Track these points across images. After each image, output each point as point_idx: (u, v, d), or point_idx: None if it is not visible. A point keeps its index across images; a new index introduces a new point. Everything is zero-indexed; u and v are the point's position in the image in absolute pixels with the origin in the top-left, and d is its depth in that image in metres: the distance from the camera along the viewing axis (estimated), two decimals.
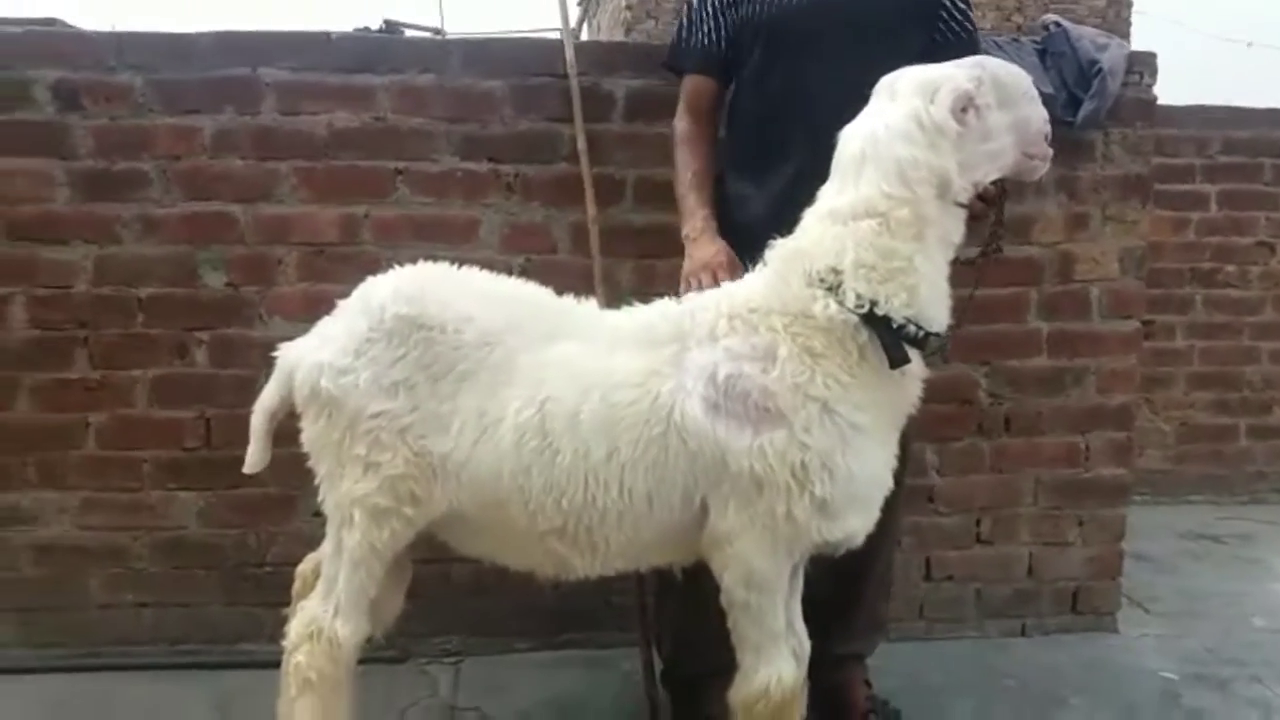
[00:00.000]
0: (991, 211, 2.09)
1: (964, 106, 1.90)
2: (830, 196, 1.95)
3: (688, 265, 2.33)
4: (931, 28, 2.37)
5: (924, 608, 3.13)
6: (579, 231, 2.82)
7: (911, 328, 1.87)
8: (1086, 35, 2.93)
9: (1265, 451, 4.74)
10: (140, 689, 2.69)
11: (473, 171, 2.83)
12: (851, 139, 1.94)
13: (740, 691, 1.97)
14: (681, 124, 2.49)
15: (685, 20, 2.50)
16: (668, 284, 2.75)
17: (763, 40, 2.37)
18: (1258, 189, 4.58)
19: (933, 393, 2.11)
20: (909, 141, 1.87)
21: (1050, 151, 2.05)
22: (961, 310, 2.06)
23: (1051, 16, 3.10)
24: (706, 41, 2.43)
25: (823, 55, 2.26)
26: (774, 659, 1.96)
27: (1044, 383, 3.10)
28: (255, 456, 2.09)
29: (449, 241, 2.79)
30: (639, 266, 2.89)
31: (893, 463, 1.99)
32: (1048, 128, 2.03)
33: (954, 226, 1.94)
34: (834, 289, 1.87)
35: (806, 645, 2.03)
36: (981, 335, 2.91)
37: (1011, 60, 2.77)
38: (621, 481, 1.88)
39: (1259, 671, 2.89)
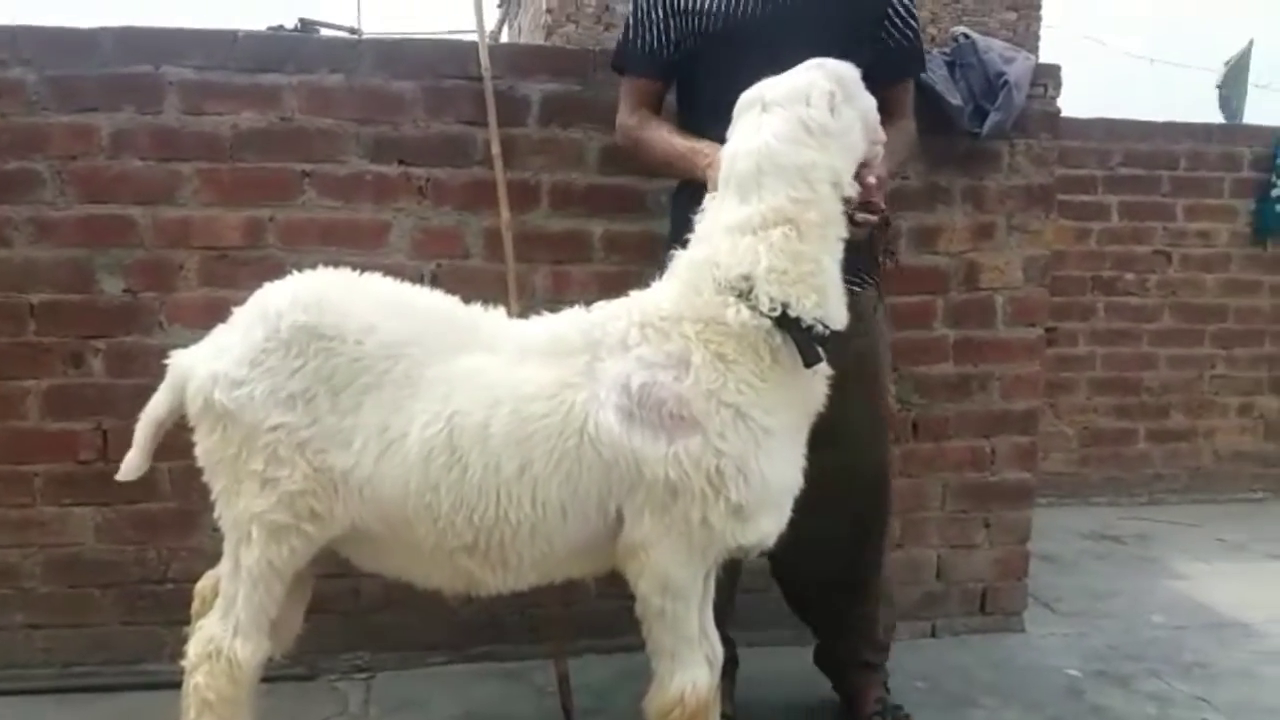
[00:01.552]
0: (877, 225, 2.14)
1: (831, 105, 1.97)
2: (731, 210, 1.96)
3: None
4: (877, 35, 2.40)
5: None
6: (492, 237, 2.79)
7: (820, 327, 1.91)
8: (995, 48, 3.00)
9: (1163, 454, 4.92)
10: (32, 714, 2.57)
11: (383, 174, 2.77)
12: (741, 156, 1.97)
13: (655, 699, 1.97)
14: (632, 119, 2.48)
15: (631, 22, 2.47)
16: (582, 291, 2.76)
17: (712, 49, 2.38)
18: (1156, 200, 4.75)
19: None
20: (802, 146, 1.92)
21: (884, 135, 2.14)
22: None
23: (961, 29, 3.16)
24: (655, 45, 2.43)
25: (771, 64, 2.28)
26: (689, 665, 1.96)
27: (950, 388, 3.16)
28: (134, 463, 2.03)
29: (358, 246, 2.73)
30: (554, 273, 2.87)
31: (801, 463, 2.01)
32: (876, 113, 2.12)
33: (842, 224, 1.99)
34: (745, 295, 1.89)
35: (719, 650, 2.03)
36: (891, 342, 2.94)
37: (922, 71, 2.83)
38: (534, 495, 1.86)
39: (1157, 667, 2.99)
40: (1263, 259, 4.93)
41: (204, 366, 1.91)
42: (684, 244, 2.03)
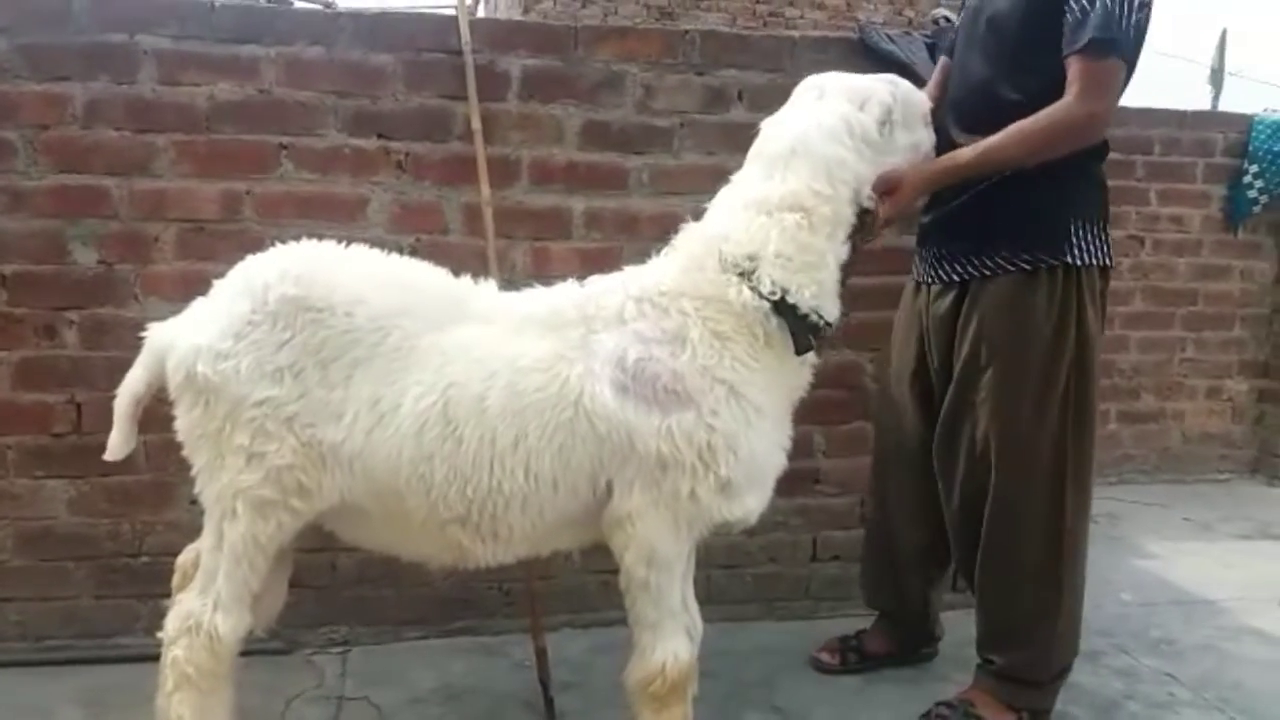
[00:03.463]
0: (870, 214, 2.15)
1: (884, 120, 2.05)
2: (753, 186, 2.01)
3: None
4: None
5: (810, 587, 3.19)
6: (471, 212, 2.78)
7: (814, 317, 1.97)
8: None
9: (1133, 435, 4.98)
10: (4, 688, 2.56)
11: (361, 148, 2.75)
12: (779, 133, 2.03)
13: (637, 670, 1.99)
14: None
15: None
16: (562, 267, 2.76)
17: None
18: (1130, 184, 4.78)
19: (821, 378, 2.20)
20: (839, 143, 1.99)
21: None
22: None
23: (941, 11, 3.16)
24: None
25: (959, 66, 2.46)
26: (670, 636, 1.98)
27: None
28: (118, 442, 2.00)
29: (335, 220, 2.71)
30: (534, 249, 2.87)
31: (787, 445, 2.06)
32: (933, 152, 2.22)
33: (849, 228, 2.05)
34: (748, 275, 1.94)
35: (699, 624, 2.05)
36: (868, 322, 2.97)
37: (902, 53, 2.84)
38: (528, 467, 1.87)
39: (1125, 642, 3.05)
40: (1233, 244, 4.98)
41: (185, 339, 1.89)
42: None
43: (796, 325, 1.96)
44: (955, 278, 2.47)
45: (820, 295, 1.98)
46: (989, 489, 2.42)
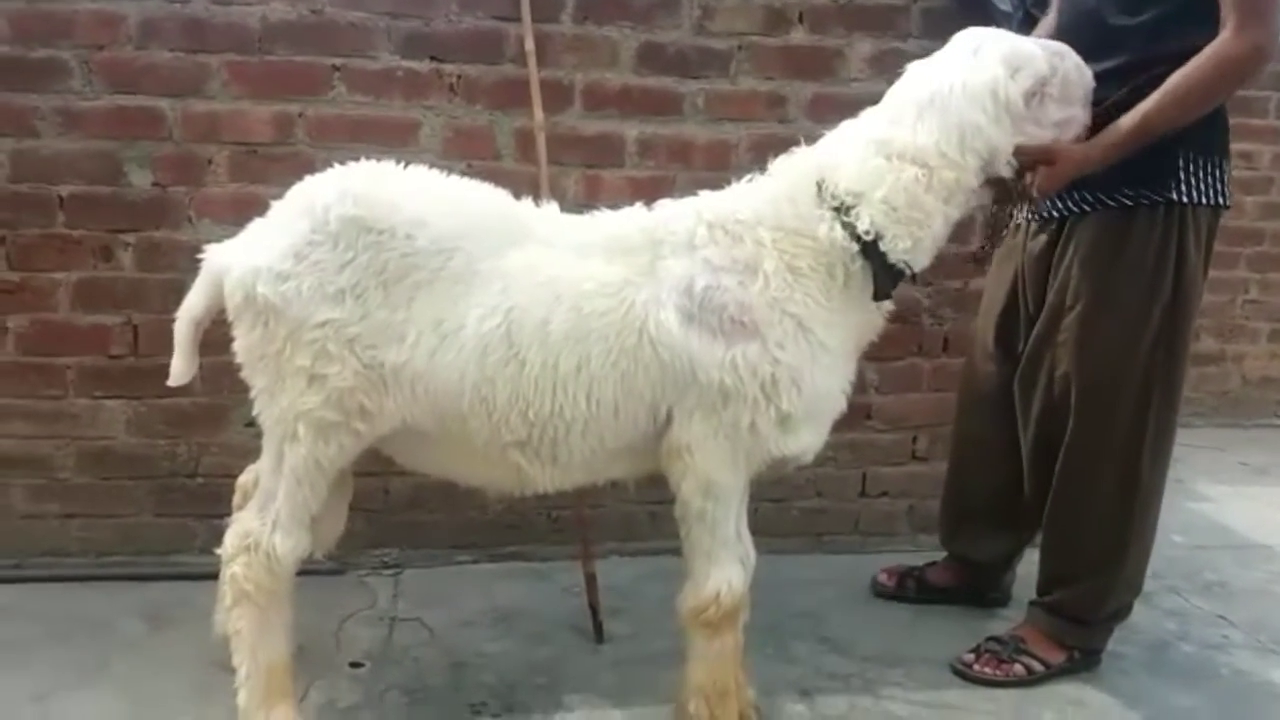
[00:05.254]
0: (1018, 183, 2.07)
1: (1034, 91, 1.96)
2: (882, 126, 1.96)
3: None
4: None
5: (858, 522, 3.18)
6: (524, 138, 2.74)
7: (902, 265, 1.93)
8: None
9: (1192, 378, 4.83)
10: (67, 600, 2.63)
11: (414, 70, 2.71)
12: (923, 81, 1.97)
13: (691, 597, 1.99)
14: None
15: None
16: (614, 195, 2.72)
17: None
18: None
19: None
20: (979, 108, 1.92)
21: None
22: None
23: None
24: None
25: None
26: (725, 565, 1.97)
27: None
28: (180, 367, 2.00)
29: (387, 144, 2.68)
30: (585, 176, 2.83)
31: (848, 388, 2.03)
32: (1085, 131, 2.10)
33: (975, 198, 2.01)
34: (845, 211, 1.89)
35: (752, 554, 2.04)
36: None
37: None
38: (590, 392, 1.86)
39: (1177, 584, 3.01)
40: None
41: (244, 261, 1.87)
42: None
43: (882, 272, 1.92)
44: (1055, 213, 2.37)
45: (913, 251, 1.93)
46: (1065, 431, 2.37)
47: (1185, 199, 2.21)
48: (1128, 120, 2.10)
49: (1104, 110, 2.14)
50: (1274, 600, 2.95)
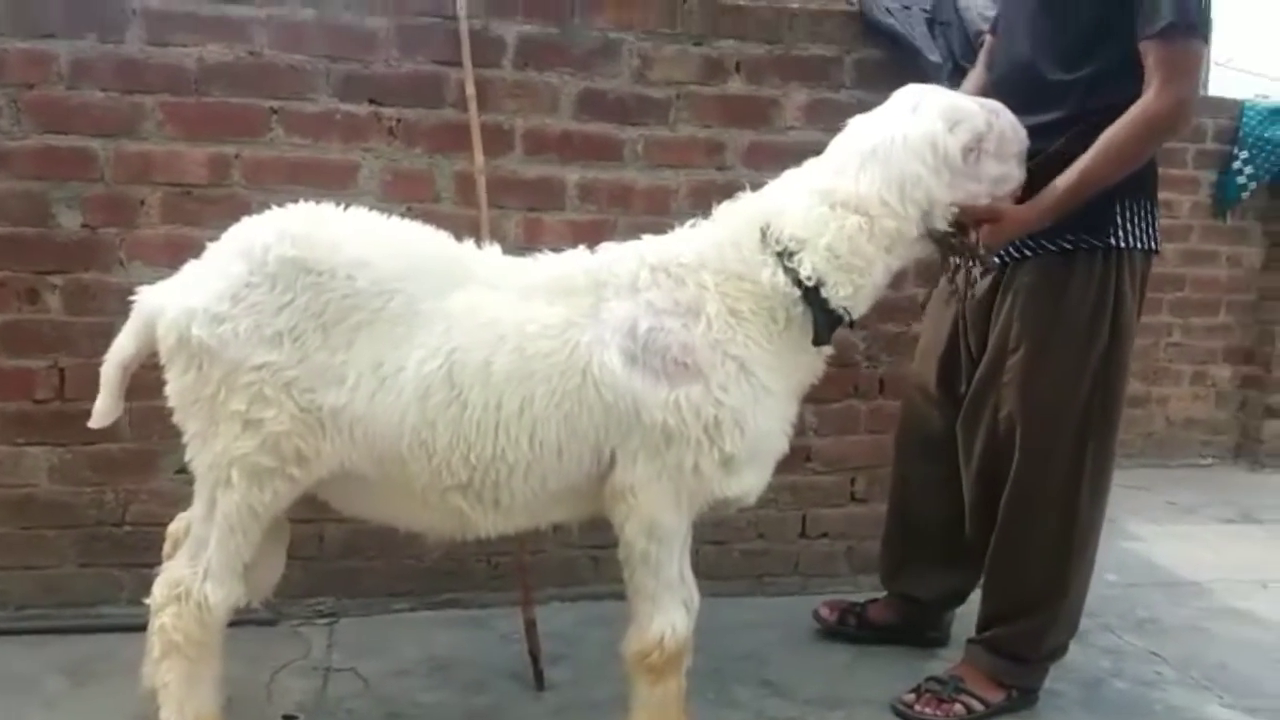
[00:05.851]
0: (962, 240, 2.13)
1: (971, 147, 2.01)
2: (826, 176, 2.00)
3: None
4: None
5: (799, 564, 3.19)
6: (464, 181, 2.74)
7: (841, 312, 1.97)
8: (975, 5, 2.97)
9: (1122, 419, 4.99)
10: None
11: (352, 113, 2.71)
12: (865, 134, 2.01)
13: (635, 641, 1.98)
14: None
15: None
16: (554, 239, 2.73)
17: None
18: None
19: None
20: (920, 160, 1.96)
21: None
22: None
23: None
24: None
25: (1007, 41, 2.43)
26: (668, 609, 1.97)
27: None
28: (104, 408, 1.95)
29: (325, 187, 2.66)
30: (526, 219, 2.84)
31: (790, 431, 2.06)
32: (1019, 191, 2.16)
33: (915, 250, 2.05)
34: (788, 257, 1.92)
35: (696, 597, 2.04)
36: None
37: (901, 27, 2.82)
38: (533, 434, 1.85)
39: (1110, 622, 3.06)
40: (1222, 230, 5.01)
41: (178, 302, 1.84)
42: None
43: (822, 318, 1.95)
44: (996, 259, 2.41)
45: (854, 298, 1.97)
46: (1009, 470, 2.41)
47: (1122, 244, 2.28)
48: (1064, 180, 2.16)
49: (1041, 161, 2.21)
50: (1204, 636, 3.01)
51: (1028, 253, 2.35)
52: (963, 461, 2.54)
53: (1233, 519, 4.26)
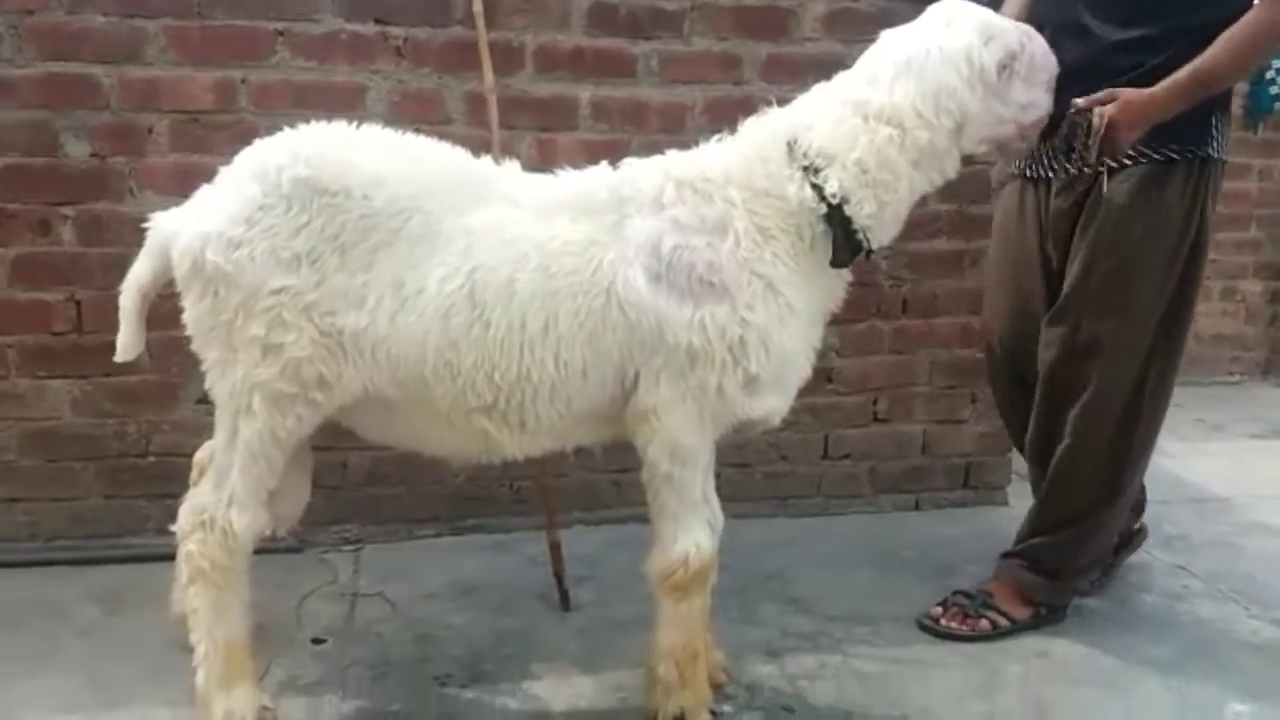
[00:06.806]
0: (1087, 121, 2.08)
1: (1005, 65, 1.95)
2: (857, 88, 1.94)
3: None
4: None
5: (821, 485, 3.18)
6: (474, 101, 2.68)
7: (862, 236, 1.92)
8: None
9: None
10: (16, 587, 2.55)
11: (359, 34, 2.64)
12: (898, 46, 1.95)
13: (659, 561, 1.96)
14: None
15: None
16: (568, 158, 2.64)
17: None
18: None
19: None
20: (955, 71, 1.90)
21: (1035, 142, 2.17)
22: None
23: None
24: None
25: None
26: (692, 528, 1.95)
27: (943, 264, 3.12)
28: (127, 341, 1.92)
29: (333, 110, 2.55)
30: (539, 140, 2.78)
31: (814, 354, 2.02)
32: (1046, 120, 2.10)
33: (944, 168, 1.98)
34: (815, 172, 1.88)
35: (720, 518, 2.03)
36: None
37: None
38: (557, 354, 1.82)
39: None
40: (1252, 143, 4.86)
41: (192, 227, 1.80)
42: None
43: (843, 237, 1.90)
44: (1086, 169, 2.30)
45: (877, 216, 1.91)
46: (1079, 382, 2.35)
47: (1215, 153, 2.25)
48: (1184, 74, 2.10)
49: (1134, 78, 2.14)
50: (1232, 551, 2.99)
51: (1128, 162, 2.26)
52: (1039, 372, 2.46)
53: (1262, 434, 4.22)
